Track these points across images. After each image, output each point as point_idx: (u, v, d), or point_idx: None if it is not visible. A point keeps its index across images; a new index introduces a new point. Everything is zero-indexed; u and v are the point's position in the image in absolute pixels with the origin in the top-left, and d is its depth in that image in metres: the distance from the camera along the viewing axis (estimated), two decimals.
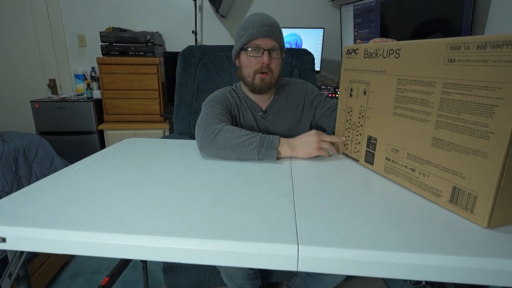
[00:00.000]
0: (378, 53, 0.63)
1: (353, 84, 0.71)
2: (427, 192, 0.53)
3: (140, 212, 0.48)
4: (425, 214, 0.49)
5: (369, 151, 0.68)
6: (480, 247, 0.39)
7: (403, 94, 0.57)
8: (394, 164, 0.61)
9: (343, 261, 0.39)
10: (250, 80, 0.93)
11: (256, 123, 1.00)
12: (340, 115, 0.78)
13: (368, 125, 0.68)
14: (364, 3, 1.88)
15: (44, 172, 1.51)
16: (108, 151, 0.83)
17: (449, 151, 0.48)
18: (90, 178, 0.63)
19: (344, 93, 0.75)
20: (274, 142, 0.75)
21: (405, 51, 0.56)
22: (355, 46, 0.70)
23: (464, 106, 0.45)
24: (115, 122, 2.27)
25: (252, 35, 0.87)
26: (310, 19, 2.44)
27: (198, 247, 0.41)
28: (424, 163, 0.53)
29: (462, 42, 0.45)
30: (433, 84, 0.50)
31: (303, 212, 0.49)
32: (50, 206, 0.50)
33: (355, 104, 0.71)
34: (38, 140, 1.58)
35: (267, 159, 0.76)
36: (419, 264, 0.37)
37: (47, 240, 0.43)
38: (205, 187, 0.59)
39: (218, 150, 0.76)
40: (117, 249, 0.42)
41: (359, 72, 0.69)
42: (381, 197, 0.55)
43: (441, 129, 0.49)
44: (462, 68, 0.45)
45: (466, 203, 0.46)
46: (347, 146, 0.77)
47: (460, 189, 0.47)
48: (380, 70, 0.62)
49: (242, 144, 0.74)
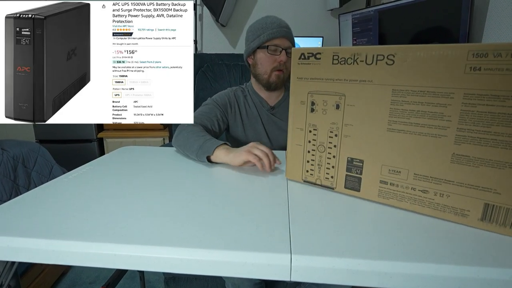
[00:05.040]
0: (357, 58, 0.52)
1: (315, 96, 0.58)
2: (449, 214, 0.48)
3: (133, 222, 0.48)
4: (419, 223, 0.48)
5: (351, 176, 0.57)
6: (474, 256, 0.39)
7: (403, 107, 0.49)
8: (394, 187, 0.53)
9: (336, 270, 0.38)
10: (266, 77, 0.99)
11: (260, 119, 1.05)
12: (295, 135, 0.63)
13: (346, 145, 0.57)
14: (362, 12, 1.90)
15: (42, 181, 1.51)
16: (104, 159, 0.83)
17: (477, 167, 0.44)
18: (84, 186, 0.63)
19: (300, 108, 0.61)
20: (211, 149, 0.77)
21: (402, 57, 0.48)
22: (315, 49, 0.57)
23: (496, 119, 0.42)
24: (115, 130, 2.28)
25: (272, 34, 0.94)
26: (310, 28, 2.46)
27: (190, 256, 0.40)
28: (441, 182, 0.48)
29: (490, 49, 0.41)
30: (449, 95, 0.45)
31: (297, 221, 0.48)
32: (42, 216, 0.50)
33: (322, 121, 0.59)
34: (38, 148, 1.58)
35: (203, 162, 0.79)
36: (413, 274, 0.37)
37: (38, 250, 0.42)
38: (199, 196, 0.59)
39: (177, 148, 0.87)
40: (110, 259, 0.42)
41: (324, 81, 0.57)
42: (375, 206, 0.54)
43: (463, 144, 0.45)
44: (490, 77, 0.41)
45: (503, 219, 0.44)
46: (311, 172, 0.63)
47: (494, 205, 0.44)
48: (362, 79, 0.52)
49: (188, 147, 0.81)
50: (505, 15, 1.15)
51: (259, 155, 0.71)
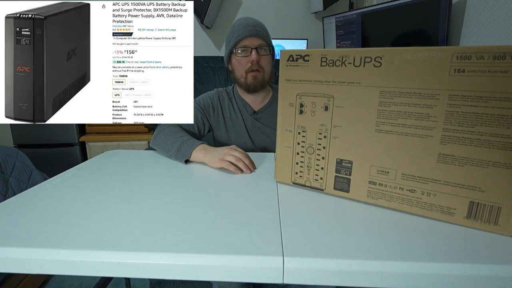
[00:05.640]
0: (345, 60, 0.53)
1: (304, 98, 0.58)
2: (435, 212, 0.50)
3: (120, 227, 0.47)
4: (408, 222, 0.49)
5: (340, 177, 0.58)
6: (461, 253, 0.40)
7: (390, 108, 0.50)
8: (383, 187, 0.54)
9: (328, 271, 0.38)
10: (243, 81, 0.96)
11: (244, 123, 1.03)
12: (284, 137, 0.63)
13: (335, 147, 0.57)
14: (345, 15, 1.93)
15: (21, 187, 1.45)
16: (88, 164, 0.81)
17: (463, 166, 0.46)
18: (68, 192, 0.61)
19: (289, 110, 0.61)
20: (188, 152, 0.80)
21: (390, 60, 0.49)
22: (303, 52, 0.57)
23: (479, 119, 0.44)
24: (97, 134, 2.22)
25: (238, 37, 0.92)
26: (294, 31, 2.49)
27: (180, 262, 0.40)
28: (428, 181, 0.49)
29: (473, 52, 0.42)
30: (435, 97, 0.46)
31: (288, 223, 0.48)
32: (24, 223, 0.48)
33: (310, 123, 0.59)
34: (16, 153, 1.52)
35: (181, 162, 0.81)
36: (403, 273, 0.37)
37: (20, 260, 0.41)
38: (188, 199, 0.58)
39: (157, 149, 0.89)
40: (97, 267, 0.40)
41: (313, 83, 0.57)
42: (364, 207, 0.55)
43: (449, 144, 0.46)
44: (474, 79, 0.43)
45: (488, 217, 0.45)
46: (300, 174, 0.62)
47: (479, 203, 0.46)
48: (350, 81, 0.53)
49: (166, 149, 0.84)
50: (481, 20, 1.20)
51: (232, 162, 0.73)
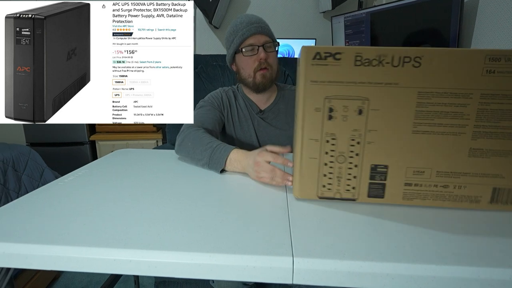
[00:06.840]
0: (382, 60, 0.49)
1: (334, 102, 0.53)
2: (464, 203, 0.54)
3: (131, 226, 0.47)
4: (418, 224, 0.49)
5: (375, 183, 0.55)
6: (474, 256, 0.39)
7: (428, 108, 0.51)
8: (418, 187, 0.54)
9: (338, 273, 0.38)
10: (251, 80, 0.94)
11: (251, 121, 1.02)
12: (308, 147, 0.55)
13: (370, 152, 0.54)
14: (354, 14, 1.92)
15: (33, 184, 1.48)
16: (99, 163, 0.82)
17: (489, 157, 0.51)
18: (80, 190, 0.62)
19: (315, 116, 0.54)
20: (221, 161, 0.73)
21: (429, 60, 0.48)
22: (333, 49, 0.50)
23: (504, 114, 0.50)
24: (107, 133, 2.25)
25: (243, 35, 0.89)
26: (302, 30, 2.48)
27: (190, 260, 0.40)
28: (460, 176, 0.53)
29: (502, 54, 0.47)
30: (469, 96, 0.50)
31: (298, 224, 0.48)
32: (38, 221, 0.49)
33: (342, 129, 0.54)
34: (28, 152, 1.55)
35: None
36: (414, 275, 0.37)
37: (34, 256, 0.42)
38: (198, 199, 0.58)
39: (184, 157, 0.83)
40: (108, 265, 0.41)
41: (345, 85, 0.51)
42: (374, 208, 0.55)
43: (479, 139, 0.51)
44: (502, 79, 0.48)
45: (506, 198, 0.53)
46: (328, 186, 0.57)
47: (500, 188, 0.52)
48: (388, 82, 0.50)
49: (196, 158, 0.78)
50: (493, 18, 1.18)
51: (268, 182, 0.66)
